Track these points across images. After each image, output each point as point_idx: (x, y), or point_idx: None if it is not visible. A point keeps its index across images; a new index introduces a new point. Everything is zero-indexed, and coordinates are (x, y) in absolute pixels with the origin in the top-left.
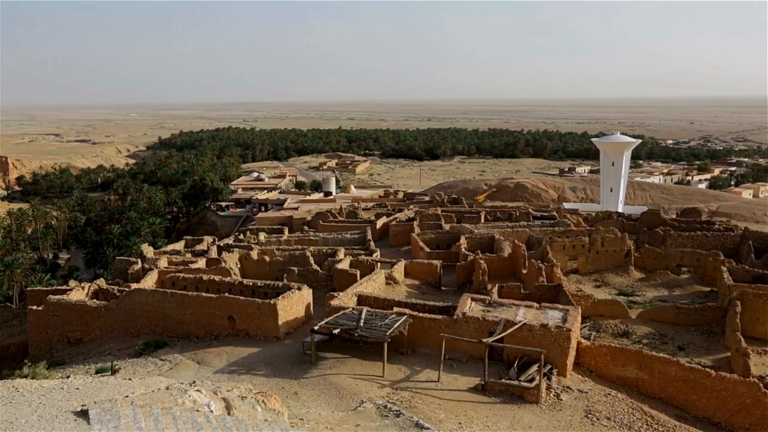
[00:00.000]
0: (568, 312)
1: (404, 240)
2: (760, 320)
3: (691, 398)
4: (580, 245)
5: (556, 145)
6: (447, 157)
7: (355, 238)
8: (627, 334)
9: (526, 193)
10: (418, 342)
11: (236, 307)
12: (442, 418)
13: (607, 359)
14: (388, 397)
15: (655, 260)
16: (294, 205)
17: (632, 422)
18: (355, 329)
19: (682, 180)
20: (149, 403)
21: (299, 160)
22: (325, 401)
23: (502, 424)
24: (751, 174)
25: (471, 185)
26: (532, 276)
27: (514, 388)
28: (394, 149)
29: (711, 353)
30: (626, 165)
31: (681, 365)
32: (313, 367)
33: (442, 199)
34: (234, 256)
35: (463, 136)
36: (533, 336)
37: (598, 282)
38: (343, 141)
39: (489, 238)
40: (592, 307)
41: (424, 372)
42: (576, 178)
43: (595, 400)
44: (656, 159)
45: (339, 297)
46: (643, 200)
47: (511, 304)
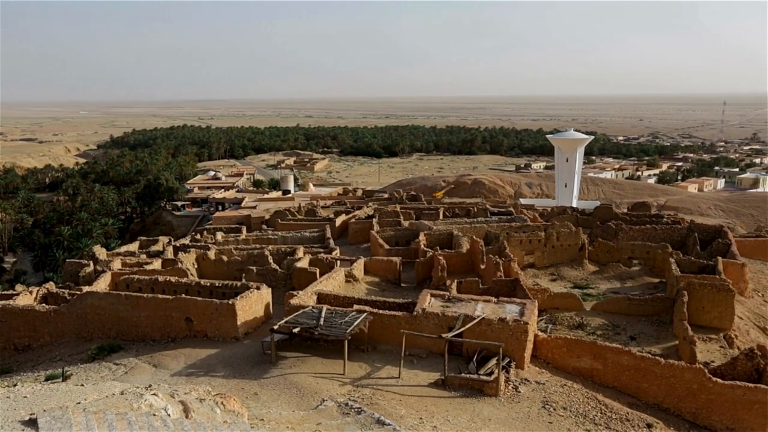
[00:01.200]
0: (525, 306)
1: (364, 237)
2: (705, 309)
3: (642, 386)
4: (536, 240)
5: (512, 141)
6: (405, 155)
7: (314, 237)
8: (582, 325)
9: (483, 190)
10: (378, 339)
11: (194, 308)
12: (403, 414)
13: (563, 351)
14: (349, 395)
15: (607, 253)
16: (252, 203)
17: (587, 411)
18: (315, 328)
19: (633, 175)
20: (103, 409)
21: (257, 159)
22: (286, 401)
23: (462, 417)
24: (696, 169)
25: (429, 182)
26: (490, 271)
27: (474, 382)
28: (352, 147)
29: (661, 342)
30: (580, 161)
31: (633, 354)
32: (273, 366)
33: (401, 197)
34: (191, 257)
35: (421, 133)
36: (492, 330)
37: (554, 276)
38: (302, 139)
39: (448, 234)
40: (549, 300)
41: (385, 368)
42: (532, 174)
43: (552, 391)
44: (608, 155)
45: (299, 296)
46: (596, 195)
47: (469, 299)
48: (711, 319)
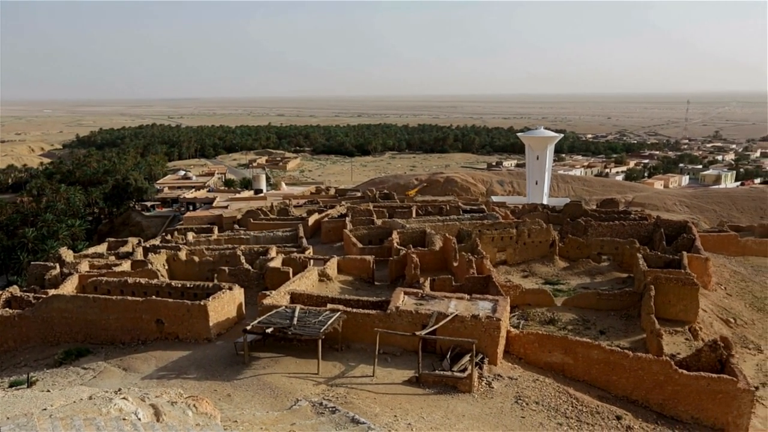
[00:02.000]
0: (497, 302)
1: (337, 236)
2: (671, 303)
3: (611, 379)
4: (508, 237)
5: (483, 140)
6: (378, 153)
7: (287, 236)
8: (553, 321)
9: (455, 188)
10: (352, 338)
11: (164, 310)
12: (377, 412)
13: (534, 346)
14: (324, 394)
15: (577, 249)
16: (224, 203)
17: (559, 405)
18: (288, 327)
19: (601, 172)
20: (70, 415)
21: (228, 158)
22: (260, 402)
23: (437, 414)
24: (662, 166)
25: (402, 180)
26: (462, 268)
27: (448, 378)
28: (324, 145)
29: (629, 335)
30: (550, 158)
31: (602, 348)
32: (246, 367)
33: (373, 195)
34: (161, 258)
35: (393, 131)
36: (465, 327)
37: (526, 272)
38: (273, 138)
39: (420, 232)
40: (520, 296)
41: (359, 367)
42: (503, 171)
43: (525, 386)
44: (577, 153)
45: (271, 295)
46: (566, 192)
47: (443, 296)
48: (677, 313)
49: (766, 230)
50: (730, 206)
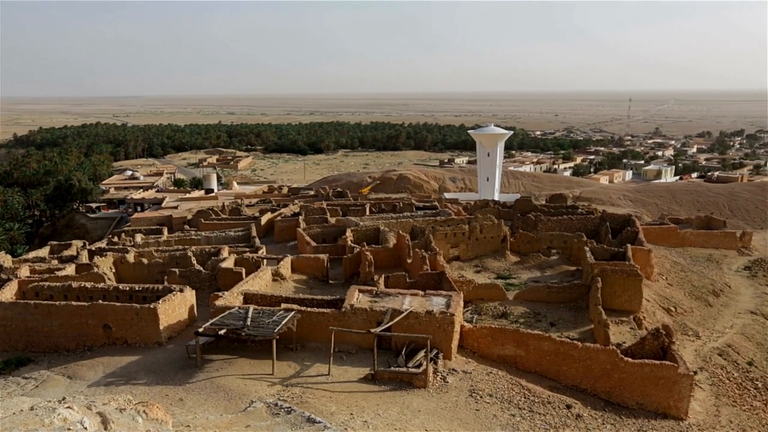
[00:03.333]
0: (451, 298)
1: (290, 235)
2: (617, 293)
3: (562, 369)
4: (460, 233)
5: (435, 137)
6: (331, 151)
7: (239, 236)
8: (505, 314)
9: (408, 185)
10: (307, 337)
11: (112, 314)
12: (333, 411)
13: (488, 340)
14: (279, 395)
15: (528, 244)
16: (173, 203)
17: (512, 396)
18: (242, 328)
19: (550, 168)
20: (9, 428)
21: (177, 157)
22: (213, 405)
23: (393, 410)
24: (607, 162)
25: (355, 178)
26: (416, 265)
27: (403, 374)
28: (277, 144)
29: (578, 326)
30: (500, 155)
31: (553, 340)
32: (199, 370)
33: (327, 193)
34: (108, 261)
35: (346, 129)
36: (419, 323)
37: (479, 267)
38: (224, 136)
39: (374, 229)
40: (473, 291)
41: (315, 366)
42: (455, 168)
43: (479, 380)
44: (527, 149)
45: (224, 296)
46: (517, 188)
47: (397, 293)
48: (622, 303)
49: (703, 222)
50: (670, 200)
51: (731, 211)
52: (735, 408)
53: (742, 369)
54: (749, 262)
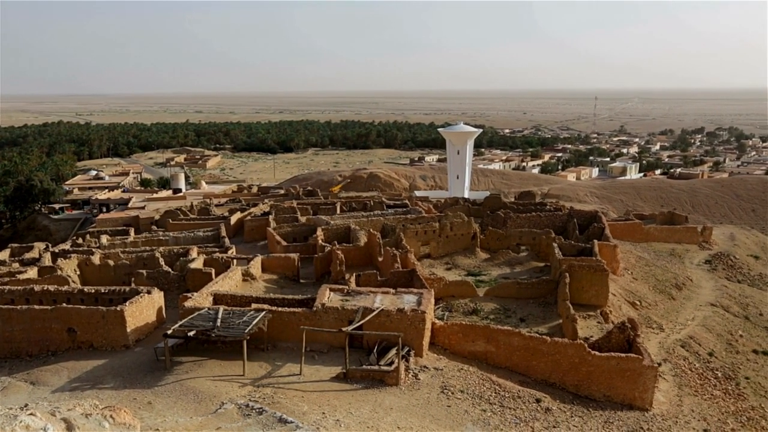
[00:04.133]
0: (422, 295)
1: (260, 235)
2: (584, 288)
3: (531, 364)
4: (431, 231)
5: (406, 135)
6: (301, 150)
7: (208, 236)
8: (476, 311)
9: (379, 183)
10: (278, 337)
11: (77, 318)
12: (305, 410)
13: (459, 336)
14: (250, 396)
15: (498, 241)
16: (140, 204)
17: (483, 392)
18: (212, 329)
19: (519, 166)
20: None
21: (144, 156)
22: (183, 407)
23: (365, 408)
24: (574, 159)
25: (326, 177)
26: (387, 263)
27: (375, 372)
28: (246, 143)
29: (547, 322)
30: (470, 153)
31: (522, 335)
32: (168, 373)
33: (297, 192)
34: (72, 263)
35: (316, 128)
36: (390, 321)
37: (449, 264)
38: (192, 135)
39: (345, 228)
40: (444, 288)
41: (286, 366)
42: (425, 166)
43: (450, 376)
44: (496, 147)
45: (193, 297)
46: (486, 186)
47: (368, 291)
48: (589, 298)
49: (666, 218)
50: (635, 196)
51: (693, 206)
52: (697, 397)
53: (704, 360)
54: (710, 256)
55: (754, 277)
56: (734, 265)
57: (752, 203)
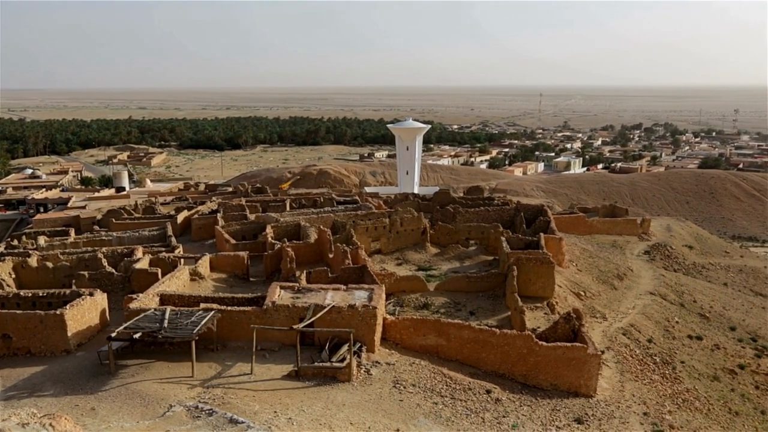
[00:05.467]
0: (373, 291)
1: (208, 233)
2: (531, 281)
3: (481, 356)
4: (381, 227)
5: (355, 131)
6: (249, 147)
7: (154, 235)
8: (427, 305)
9: (329, 180)
10: (228, 336)
11: (12, 323)
12: (257, 410)
13: (410, 331)
14: (199, 397)
15: (447, 236)
16: (81, 203)
17: (434, 385)
18: (158, 331)
19: (467, 161)
20: None
21: (84, 154)
22: (129, 412)
23: (317, 405)
24: (520, 154)
25: (275, 174)
26: (338, 259)
27: (327, 369)
28: (192, 139)
29: (496, 314)
30: (419, 149)
31: (472, 328)
32: (112, 377)
33: (245, 189)
34: (6, 266)
35: (264, 124)
36: (342, 317)
37: (400, 260)
38: (135, 132)
39: (295, 225)
40: (395, 283)
41: (237, 366)
42: (375, 162)
43: (402, 370)
44: (445, 143)
45: (139, 299)
46: (436, 181)
47: (319, 288)
48: (536, 290)
49: (608, 211)
50: (579, 190)
51: (632, 199)
52: (637, 382)
53: (643, 346)
54: (648, 247)
55: (688, 266)
56: (671, 255)
57: (686, 196)
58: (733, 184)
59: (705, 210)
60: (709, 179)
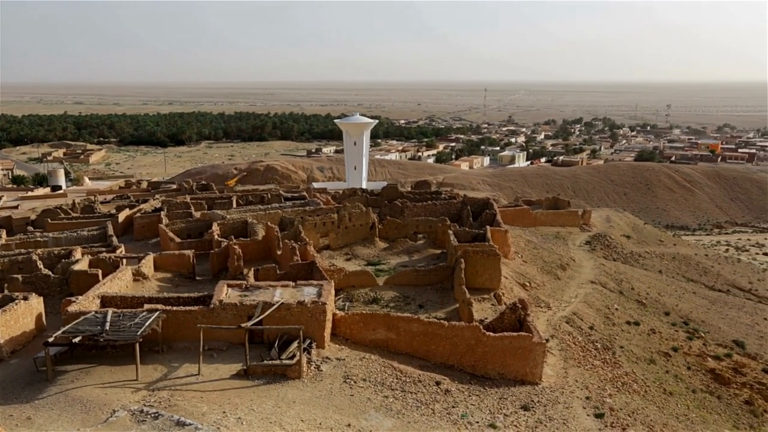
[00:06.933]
0: (322, 287)
1: (152, 232)
2: (479, 273)
3: (431, 348)
4: (330, 222)
5: (302, 127)
6: (193, 143)
7: (93, 235)
8: (376, 300)
9: (276, 176)
10: (174, 337)
11: None
12: (205, 411)
13: (360, 326)
14: (145, 400)
15: (396, 230)
16: (12, 203)
17: (384, 379)
18: (100, 334)
19: (415, 156)
20: None
21: (15, 151)
22: (69, 419)
23: (267, 404)
24: (466, 148)
25: (221, 170)
26: (286, 256)
27: (277, 367)
28: (133, 136)
29: (444, 306)
30: (367, 144)
31: (421, 321)
32: (50, 384)
33: (190, 187)
34: None
35: (208, 120)
36: (291, 314)
37: (349, 255)
38: (71, 128)
39: (242, 222)
40: (345, 279)
41: (183, 367)
42: (323, 158)
43: (352, 365)
44: (392, 138)
45: (78, 301)
46: (383, 176)
47: (268, 285)
48: (483, 281)
49: (551, 203)
50: (523, 183)
51: (574, 192)
52: (580, 368)
53: (585, 333)
54: (589, 238)
55: (626, 255)
56: (610, 245)
57: (624, 187)
58: (666, 176)
59: (641, 201)
60: (644, 171)
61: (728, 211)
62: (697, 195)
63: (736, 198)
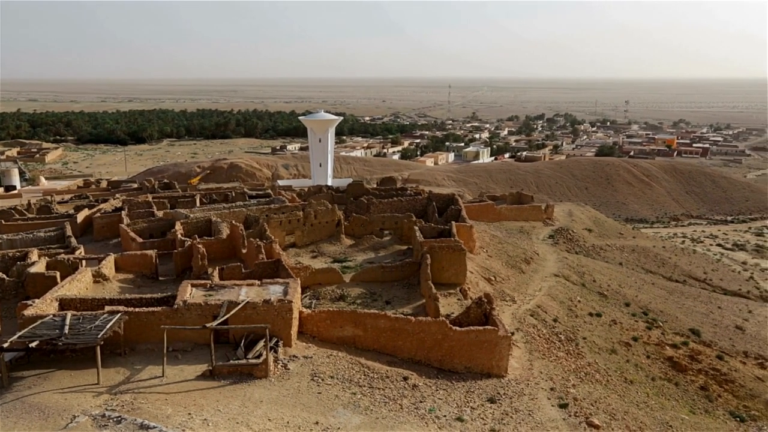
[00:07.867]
0: (288, 285)
1: (112, 232)
2: (444, 268)
3: (398, 344)
4: (295, 220)
5: (266, 124)
6: (154, 141)
7: (51, 236)
8: (343, 297)
9: (240, 173)
10: (137, 339)
11: None
12: (169, 413)
13: (327, 323)
14: (107, 405)
15: (362, 227)
16: None
17: (352, 375)
18: (58, 338)
19: (380, 152)
20: None
21: None
22: (26, 427)
23: (234, 404)
24: (431, 145)
25: (183, 168)
26: (252, 255)
27: (243, 366)
28: (92, 134)
29: (411, 302)
30: (332, 141)
31: (388, 317)
32: (5, 391)
33: (152, 185)
34: None
35: (170, 117)
36: (257, 313)
37: (315, 252)
38: (26, 126)
39: (206, 221)
40: (311, 276)
41: (147, 369)
42: (288, 155)
43: (320, 363)
44: (357, 134)
45: (35, 305)
46: (349, 173)
47: (233, 284)
48: (449, 277)
49: (515, 198)
50: (487, 179)
51: (537, 186)
52: (544, 360)
53: (549, 326)
54: (552, 231)
55: (588, 248)
56: (572, 239)
57: (585, 182)
58: (625, 171)
59: (602, 195)
60: (605, 166)
61: (684, 204)
62: (654, 189)
63: (691, 191)
